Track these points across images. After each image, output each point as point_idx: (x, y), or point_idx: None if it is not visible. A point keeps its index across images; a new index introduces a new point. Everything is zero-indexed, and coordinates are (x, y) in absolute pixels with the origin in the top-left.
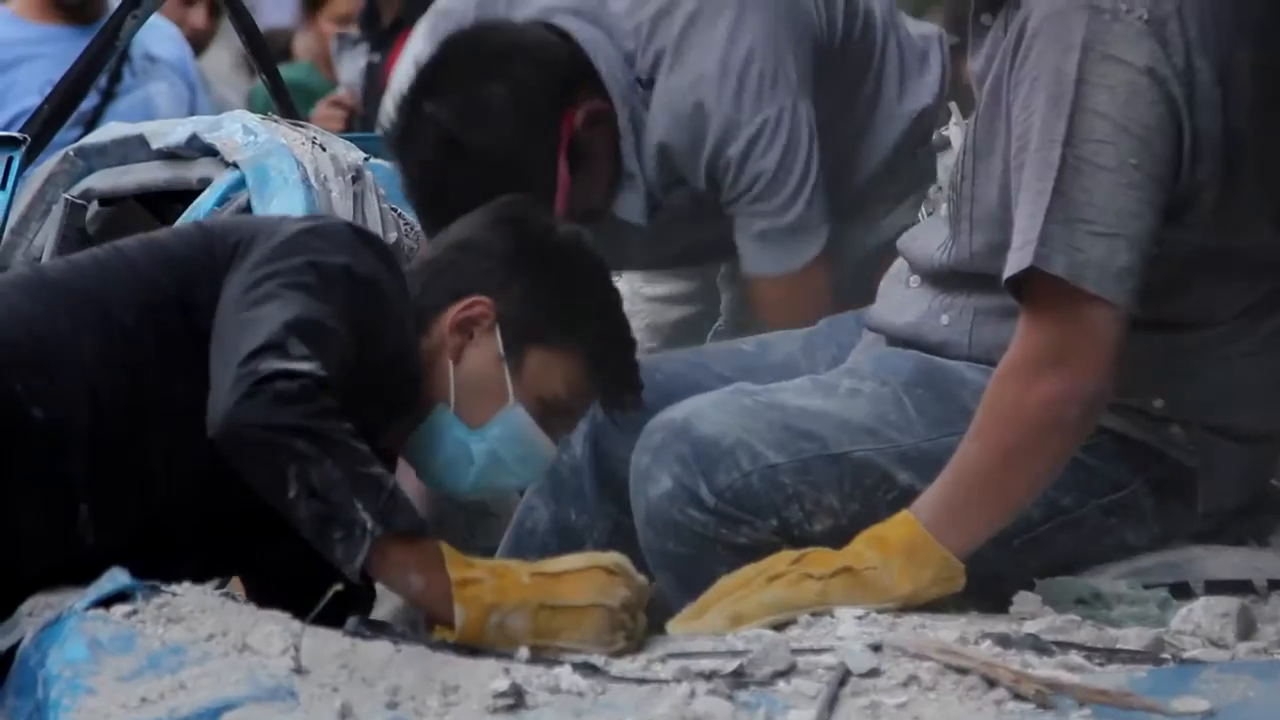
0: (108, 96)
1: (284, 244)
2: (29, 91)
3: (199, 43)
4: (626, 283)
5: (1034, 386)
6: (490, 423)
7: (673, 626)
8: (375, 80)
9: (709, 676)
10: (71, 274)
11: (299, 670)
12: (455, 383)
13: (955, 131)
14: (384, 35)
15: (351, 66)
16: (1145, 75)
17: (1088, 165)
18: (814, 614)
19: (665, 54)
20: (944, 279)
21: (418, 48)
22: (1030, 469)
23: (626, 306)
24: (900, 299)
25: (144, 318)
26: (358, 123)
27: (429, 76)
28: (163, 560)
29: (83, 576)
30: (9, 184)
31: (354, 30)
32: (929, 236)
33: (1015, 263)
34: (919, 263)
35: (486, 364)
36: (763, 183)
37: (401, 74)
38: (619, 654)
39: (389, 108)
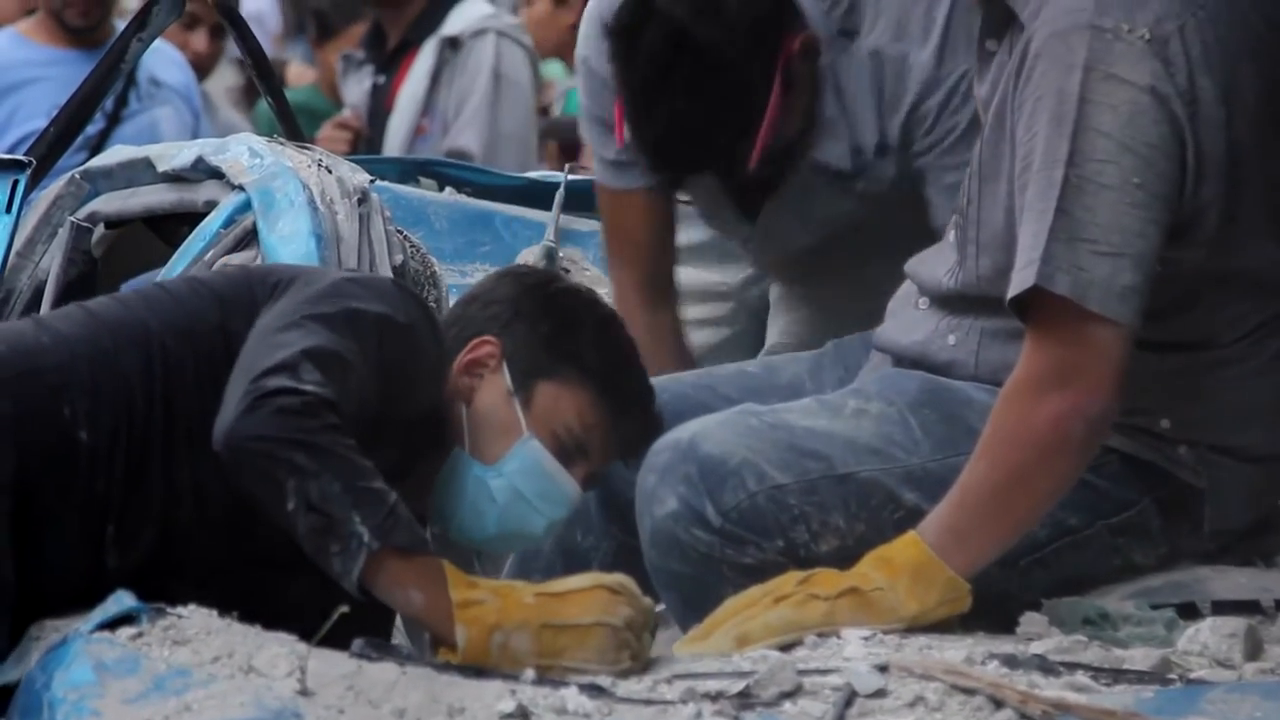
0: (113, 121)
1: (324, 288)
2: (36, 114)
3: (202, 67)
4: None
5: (1040, 406)
6: (506, 457)
7: (679, 647)
8: (380, 102)
9: (715, 697)
10: (115, 305)
11: (304, 692)
12: (469, 424)
13: None
14: (389, 57)
15: (357, 88)
16: (1148, 94)
17: (1091, 184)
18: (820, 635)
19: (865, 5)
20: (951, 302)
21: None
22: (1037, 489)
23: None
24: (908, 320)
25: (185, 342)
26: (363, 144)
27: None
28: (179, 590)
29: (98, 601)
30: (15, 207)
31: (359, 52)
32: (937, 261)
33: (1019, 282)
34: (927, 286)
35: (497, 401)
36: (954, 136)
37: None
38: (625, 674)
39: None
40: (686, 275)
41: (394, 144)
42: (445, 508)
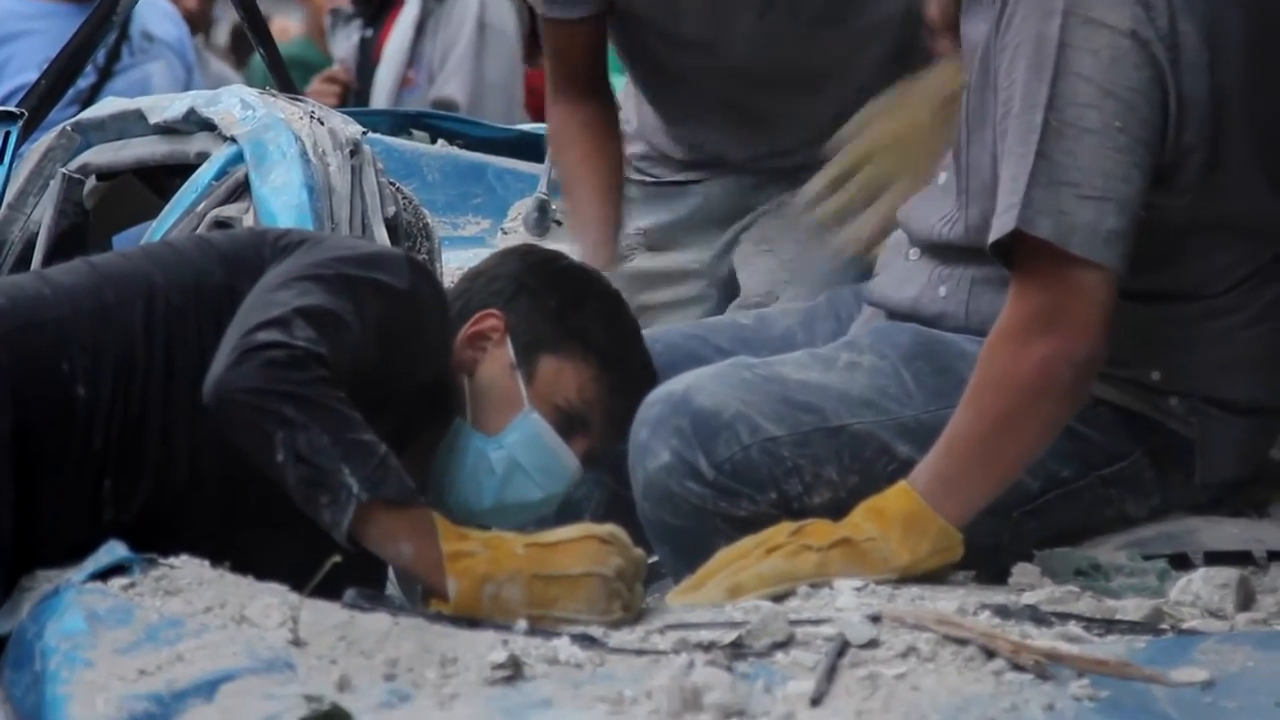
0: (105, 75)
1: (328, 251)
2: (27, 67)
3: (195, 22)
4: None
5: (1025, 351)
6: (507, 429)
7: (672, 598)
8: (368, 55)
9: (707, 648)
10: (119, 260)
11: (297, 642)
12: (470, 395)
13: None
14: (376, 10)
15: (345, 42)
16: (1128, 38)
17: (1072, 129)
18: (812, 585)
19: None
20: (943, 250)
21: None
22: (1024, 434)
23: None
24: (899, 272)
25: (190, 297)
26: (351, 97)
27: None
28: (172, 548)
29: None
30: (6, 159)
31: (347, 5)
32: (928, 207)
33: (999, 227)
34: (918, 234)
35: (500, 374)
36: None
37: None
38: (616, 625)
39: None
40: (656, 259)
41: (381, 96)
42: (444, 478)
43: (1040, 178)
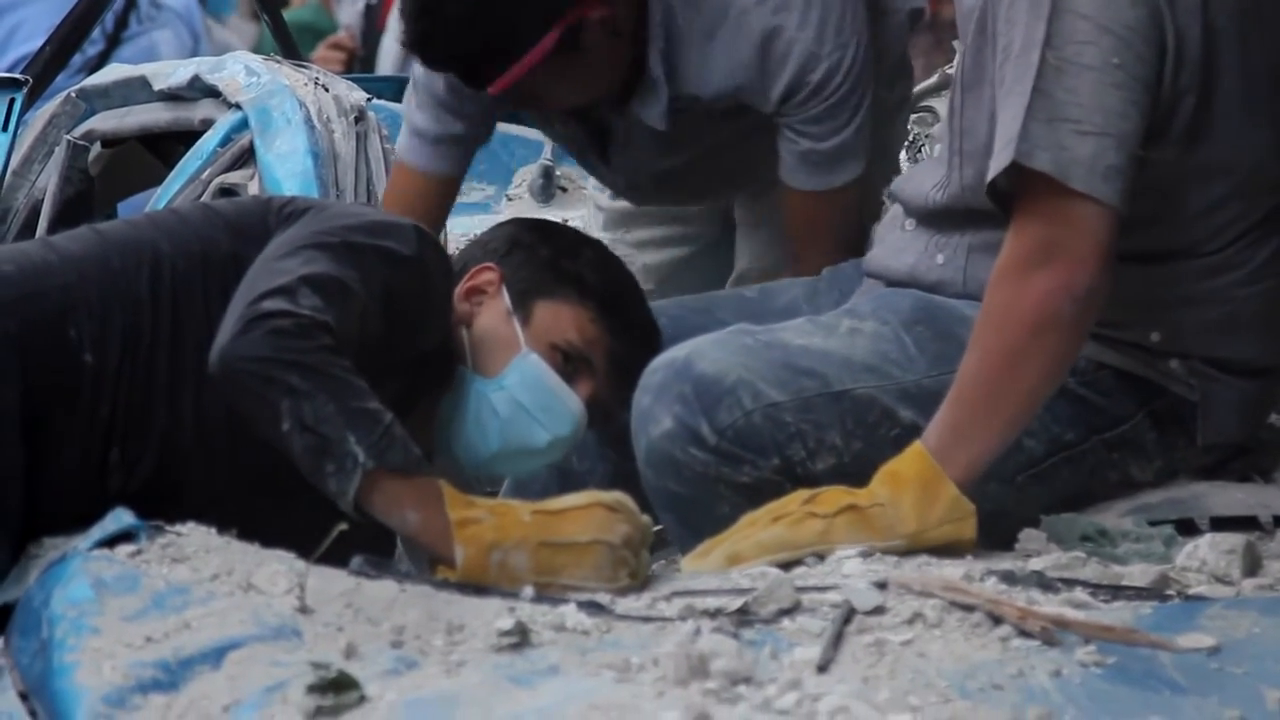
0: (113, 43)
1: (333, 219)
2: (35, 34)
3: None
4: (612, 236)
5: (1026, 286)
6: (507, 371)
7: (685, 564)
8: (373, 22)
9: (714, 614)
10: (125, 228)
11: (303, 610)
12: (469, 345)
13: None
14: None
15: (350, 8)
16: None
17: (1071, 66)
18: (818, 555)
19: None
20: (939, 218)
21: None
22: (1029, 371)
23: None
24: (896, 243)
25: (196, 265)
26: (357, 64)
27: None
28: (178, 515)
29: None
30: (11, 125)
31: None
32: (923, 178)
33: (998, 163)
34: (913, 204)
35: (497, 321)
36: (827, 107)
37: None
38: (623, 592)
39: None
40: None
41: (386, 64)
42: (449, 429)
43: (1039, 113)
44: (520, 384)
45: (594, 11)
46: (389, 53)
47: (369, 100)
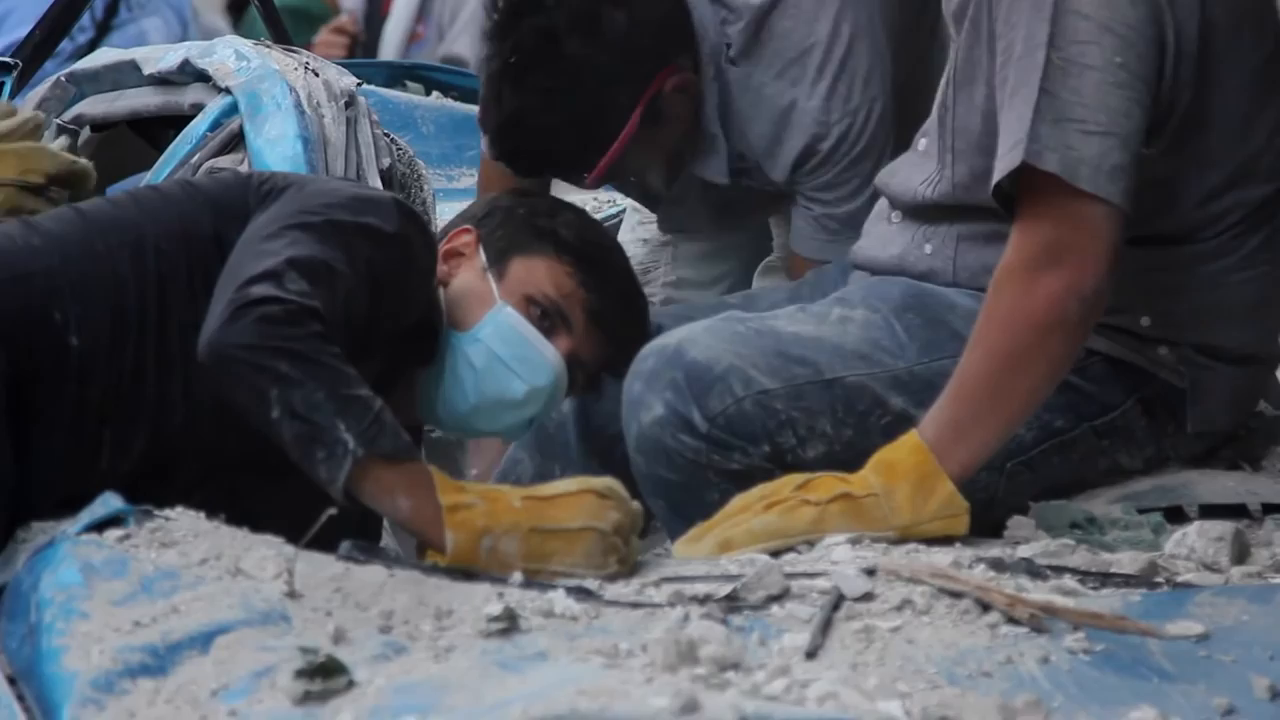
0: (102, 30)
1: (315, 196)
2: (26, 20)
3: None
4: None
5: (1034, 287)
6: (481, 323)
7: (676, 549)
8: (376, 7)
9: (703, 601)
10: (108, 207)
11: (292, 594)
12: (447, 303)
13: None
14: None
15: None
16: None
17: (1074, 66)
18: (809, 541)
19: (759, 28)
20: (926, 211)
21: None
22: (1034, 371)
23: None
24: (883, 234)
25: (179, 244)
26: (359, 49)
27: None
28: (167, 497)
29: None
30: None
31: None
32: (909, 171)
33: (1005, 165)
34: (900, 198)
35: (473, 278)
36: (836, 174)
37: None
38: (612, 578)
39: None
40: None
41: (389, 50)
42: (431, 390)
43: (1045, 114)
44: (495, 335)
45: (670, 80)
46: (392, 38)
47: (359, 85)
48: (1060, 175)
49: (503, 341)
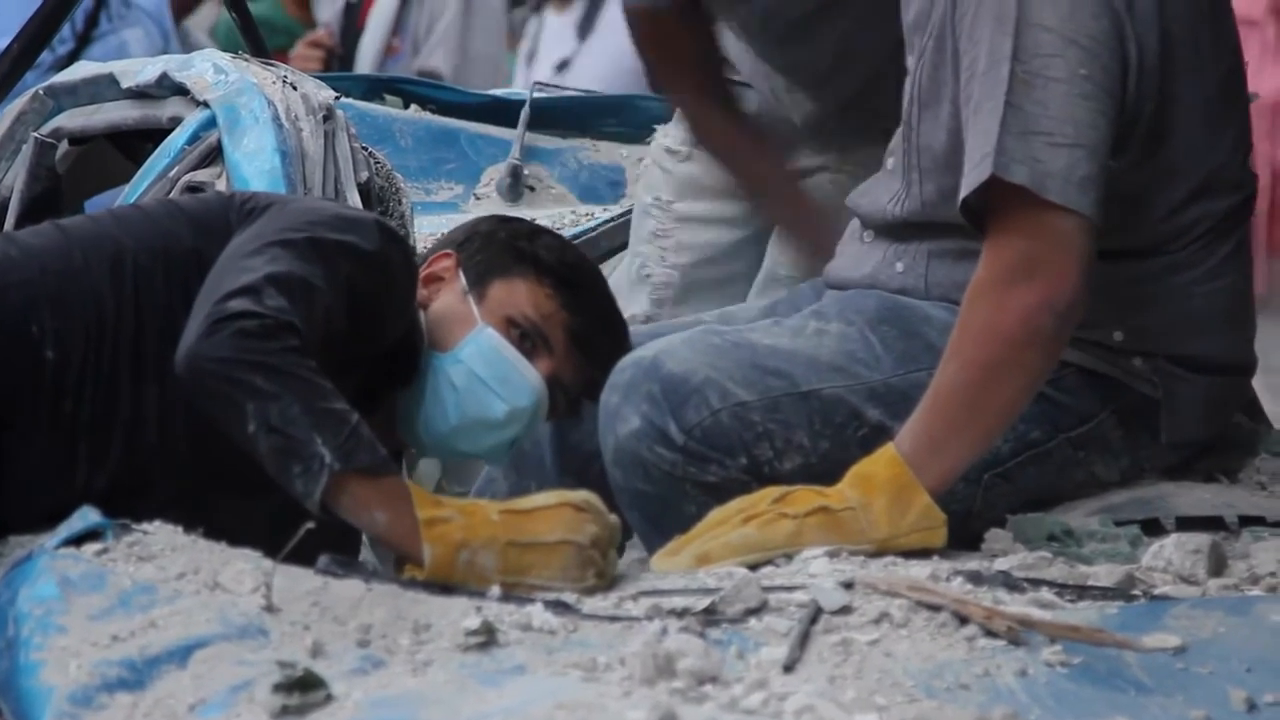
0: (83, 41)
1: (296, 214)
2: (5, 32)
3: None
4: (655, 198)
5: (1008, 301)
6: (462, 344)
7: (655, 563)
8: (353, 20)
9: (681, 614)
10: (87, 222)
11: (270, 608)
12: (428, 325)
13: None
14: None
15: (330, 6)
16: None
17: (1039, 79)
18: (786, 554)
19: None
20: (898, 229)
21: None
22: (1009, 385)
23: (656, 225)
24: (855, 254)
25: (158, 260)
26: (336, 62)
27: None
28: (143, 513)
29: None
30: None
31: None
32: (879, 191)
33: (973, 179)
34: (871, 217)
35: (454, 300)
36: None
37: None
38: (590, 591)
39: None
40: (704, 172)
41: (365, 63)
42: (410, 409)
43: (1012, 127)
44: (476, 355)
45: None
46: (368, 53)
47: (337, 98)
48: (1029, 187)
49: (484, 362)
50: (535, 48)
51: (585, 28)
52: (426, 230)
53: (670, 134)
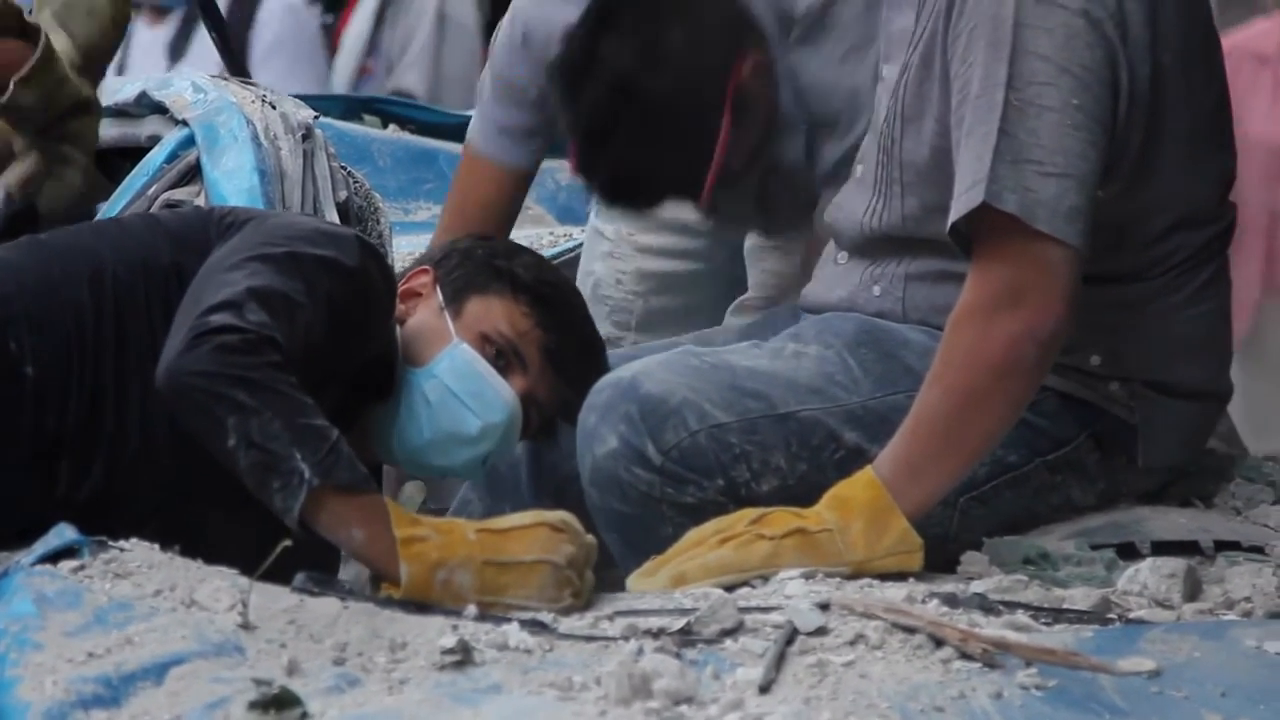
0: None
1: (276, 230)
2: None
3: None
4: (615, 229)
5: (991, 329)
6: (437, 359)
7: (631, 583)
8: (328, 42)
9: (657, 634)
10: (67, 236)
11: (246, 626)
12: (404, 340)
13: None
14: None
15: None
16: (1081, 17)
17: (1032, 107)
18: (763, 575)
19: (830, 21)
20: (873, 247)
21: None
22: (990, 413)
23: (614, 250)
24: (830, 278)
25: (138, 273)
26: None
27: (605, 15)
28: (121, 527)
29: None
30: None
31: None
32: (853, 204)
33: (964, 204)
34: (846, 233)
35: (430, 316)
36: None
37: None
38: (566, 611)
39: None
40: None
41: (339, 84)
42: (385, 424)
43: (1004, 154)
44: (450, 371)
45: (746, 64)
46: (342, 74)
47: (316, 118)
48: (1019, 216)
49: (458, 377)
50: None
51: None
52: (405, 249)
53: None
